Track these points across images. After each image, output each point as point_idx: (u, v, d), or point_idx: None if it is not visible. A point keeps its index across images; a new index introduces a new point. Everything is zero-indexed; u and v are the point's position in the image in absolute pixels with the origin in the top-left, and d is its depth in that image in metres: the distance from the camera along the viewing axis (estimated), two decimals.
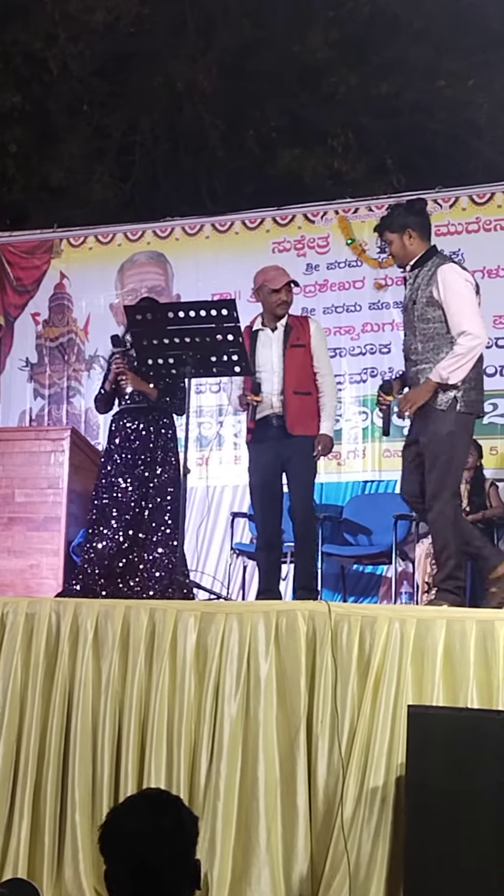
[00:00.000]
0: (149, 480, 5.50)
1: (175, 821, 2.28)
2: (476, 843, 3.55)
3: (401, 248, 4.75)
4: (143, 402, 5.60)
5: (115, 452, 5.57)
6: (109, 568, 5.39)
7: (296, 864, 4.02)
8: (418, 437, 4.74)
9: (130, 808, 2.34)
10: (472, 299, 4.69)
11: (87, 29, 10.54)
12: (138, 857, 2.21)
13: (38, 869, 4.33)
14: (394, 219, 4.80)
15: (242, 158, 11.26)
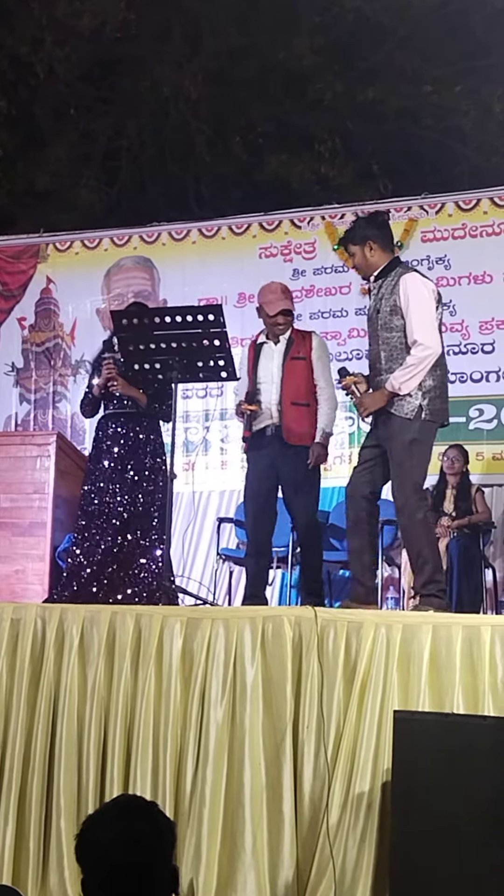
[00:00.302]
0: (137, 486, 5.50)
1: (151, 827, 2.27)
2: (462, 849, 3.55)
3: (363, 259, 4.84)
4: (131, 406, 5.59)
5: (102, 457, 5.56)
6: (97, 574, 5.38)
7: (281, 869, 4.01)
8: (380, 442, 4.80)
9: (105, 816, 2.33)
10: (431, 309, 4.78)
11: (73, 33, 10.55)
12: (114, 865, 2.21)
13: (22, 875, 4.31)
14: (356, 231, 4.90)
15: (229, 164, 11.28)
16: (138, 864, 2.20)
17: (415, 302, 4.68)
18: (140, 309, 5.84)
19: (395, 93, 10.68)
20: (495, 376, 7.41)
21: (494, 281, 7.47)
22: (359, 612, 4.47)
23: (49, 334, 8.62)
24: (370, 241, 4.81)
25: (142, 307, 5.98)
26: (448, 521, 6.72)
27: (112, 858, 2.21)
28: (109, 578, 5.38)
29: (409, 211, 7.74)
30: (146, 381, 5.47)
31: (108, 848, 2.22)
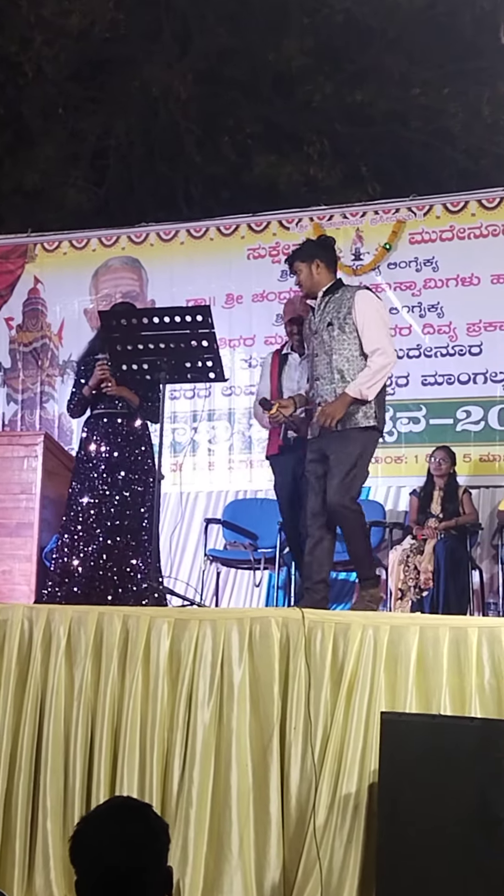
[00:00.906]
0: (127, 487, 5.49)
1: (144, 828, 2.27)
2: (448, 850, 3.56)
3: (308, 276, 5.09)
4: (122, 407, 5.58)
5: (91, 457, 5.55)
6: (86, 575, 5.37)
7: (268, 871, 4.02)
8: (326, 453, 4.94)
9: (99, 817, 2.33)
10: (387, 322, 5.16)
11: (62, 33, 10.53)
12: (108, 867, 2.21)
13: (8, 877, 4.30)
14: (304, 250, 5.16)
15: (218, 164, 11.28)
16: (132, 866, 2.20)
17: (371, 317, 4.97)
18: (128, 309, 5.83)
19: (383, 95, 10.70)
20: (483, 378, 7.42)
21: (482, 283, 7.48)
22: (346, 614, 4.49)
23: (36, 334, 8.60)
24: (318, 260, 5.08)
25: (129, 307, 5.98)
26: (435, 523, 6.72)
27: (106, 860, 2.21)
28: (100, 580, 5.37)
29: (397, 213, 7.75)
30: (133, 382, 5.46)
31: (102, 850, 2.22)
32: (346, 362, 4.93)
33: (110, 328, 5.26)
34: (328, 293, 5.05)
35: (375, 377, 4.89)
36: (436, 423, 7.47)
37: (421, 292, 7.62)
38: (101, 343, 5.62)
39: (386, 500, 7.46)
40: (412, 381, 7.58)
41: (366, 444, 4.97)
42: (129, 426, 5.57)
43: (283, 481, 5.69)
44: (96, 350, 5.66)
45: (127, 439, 5.55)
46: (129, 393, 5.53)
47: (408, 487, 7.27)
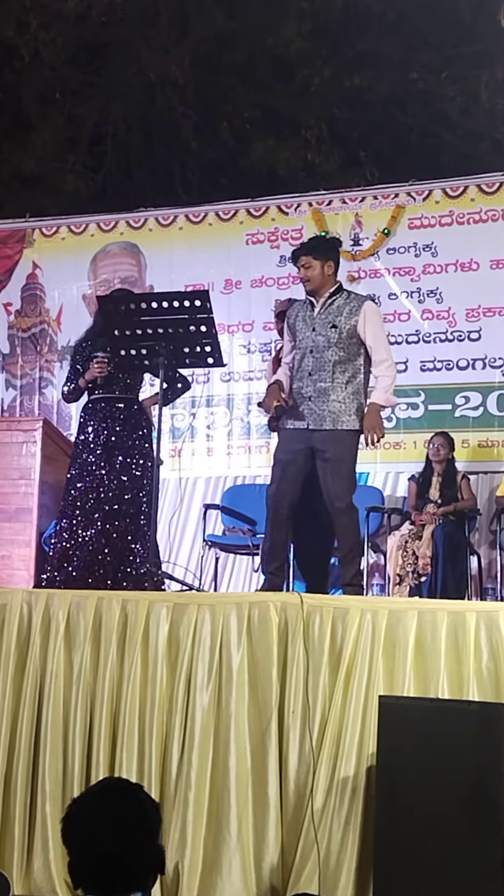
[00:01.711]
0: (125, 471, 5.49)
1: (136, 808, 2.29)
2: (445, 833, 3.58)
3: (320, 274, 5.21)
4: (120, 391, 5.58)
5: (89, 441, 5.54)
6: (85, 560, 5.38)
7: (266, 853, 4.04)
8: (318, 447, 5.09)
9: (91, 798, 2.35)
10: (386, 339, 5.46)
11: (59, 17, 10.47)
12: (101, 847, 2.23)
13: (7, 860, 4.33)
14: (319, 248, 5.31)
15: (216, 149, 11.24)
16: (125, 847, 2.22)
17: (379, 329, 5.27)
18: (126, 294, 5.82)
19: (382, 79, 10.65)
20: (481, 364, 7.42)
21: (481, 268, 7.47)
22: (345, 599, 4.51)
23: (35, 320, 8.59)
24: (331, 261, 5.25)
25: (127, 293, 5.96)
26: (433, 508, 6.73)
27: (99, 842, 2.23)
28: (98, 564, 5.37)
29: (396, 198, 7.73)
30: (132, 367, 5.46)
31: (95, 832, 2.25)
32: (341, 364, 5.12)
33: (108, 313, 5.25)
34: (334, 295, 5.21)
35: (392, 385, 5.21)
36: (434, 408, 7.47)
37: (420, 278, 7.61)
38: (99, 334, 5.61)
39: (384, 486, 7.47)
40: (411, 366, 7.57)
41: (354, 447, 5.17)
42: (128, 410, 5.58)
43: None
44: (93, 339, 5.64)
45: (125, 423, 5.55)
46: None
47: (406, 473, 7.28)
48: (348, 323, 5.13)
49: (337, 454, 5.08)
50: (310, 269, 5.21)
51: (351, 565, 5.13)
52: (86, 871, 2.24)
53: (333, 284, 5.25)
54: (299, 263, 5.27)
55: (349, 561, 5.14)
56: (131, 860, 2.22)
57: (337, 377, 5.11)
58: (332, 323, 5.13)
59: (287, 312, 5.44)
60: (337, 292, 5.24)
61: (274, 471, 5.27)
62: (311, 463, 5.12)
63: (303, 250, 5.29)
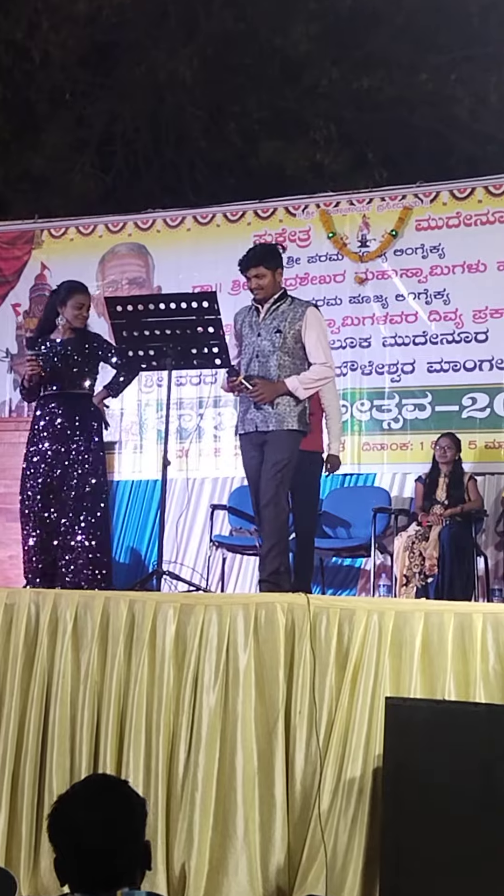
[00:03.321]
0: (72, 466, 5.52)
1: (121, 805, 2.30)
2: (452, 835, 3.58)
3: (271, 283, 5.31)
4: (71, 387, 5.64)
5: (37, 437, 5.59)
6: (44, 558, 5.43)
7: (273, 854, 4.04)
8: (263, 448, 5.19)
9: (76, 796, 2.36)
10: (328, 339, 5.60)
11: (69, 18, 10.49)
12: (86, 845, 2.24)
13: (14, 860, 4.34)
14: (269, 257, 5.36)
15: (224, 150, 11.24)
16: (111, 844, 2.24)
17: (320, 333, 5.32)
18: (134, 296, 5.86)
19: (390, 81, 10.65)
20: (488, 365, 7.42)
21: (488, 270, 7.47)
22: (351, 599, 4.51)
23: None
24: (279, 269, 5.38)
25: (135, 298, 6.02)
26: (440, 510, 6.74)
27: (85, 840, 2.24)
28: (53, 561, 5.42)
29: (404, 199, 7.73)
30: (139, 368, 5.50)
31: (81, 830, 2.25)
32: (287, 368, 5.21)
33: (117, 314, 5.27)
34: (279, 300, 5.31)
35: (313, 383, 5.27)
36: (441, 409, 7.47)
37: (427, 279, 7.61)
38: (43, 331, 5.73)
39: (391, 487, 7.48)
40: (418, 367, 7.57)
41: (295, 447, 5.25)
42: (76, 405, 5.63)
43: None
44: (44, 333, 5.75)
45: (72, 418, 5.58)
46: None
47: (413, 474, 7.29)
48: (292, 328, 5.23)
49: (275, 454, 5.17)
50: (263, 279, 5.29)
51: (272, 562, 5.15)
52: (72, 869, 2.25)
53: (280, 290, 5.36)
54: (250, 274, 5.32)
55: (272, 558, 5.15)
56: (117, 857, 2.23)
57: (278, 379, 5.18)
58: (276, 328, 5.23)
59: (234, 318, 5.48)
60: (281, 298, 5.33)
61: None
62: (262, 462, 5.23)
63: (253, 261, 5.34)
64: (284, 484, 5.20)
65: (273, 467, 5.16)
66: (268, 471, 5.18)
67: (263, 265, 5.30)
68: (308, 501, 6.01)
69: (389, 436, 7.59)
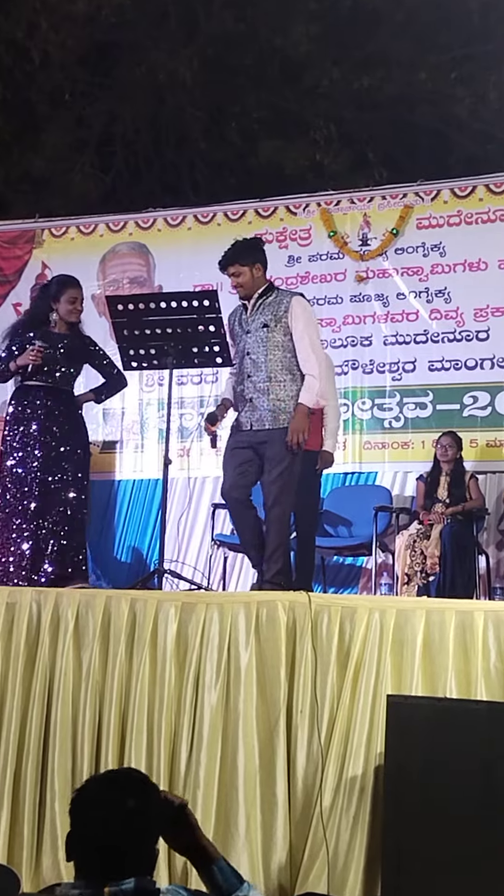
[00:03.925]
0: (56, 464, 5.53)
1: (140, 804, 2.30)
2: (453, 833, 3.59)
3: (250, 279, 5.24)
4: (53, 381, 5.64)
5: (18, 433, 5.58)
6: (21, 556, 5.42)
7: (275, 852, 4.04)
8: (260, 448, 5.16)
9: (106, 780, 2.39)
10: (317, 327, 5.47)
11: (68, 18, 10.49)
12: (98, 831, 2.25)
13: (16, 858, 4.34)
14: (243, 253, 5.29)
15: (224, 150, 11.25)
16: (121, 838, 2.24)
17: (306, 324, 5.20)
18: (135, 294, 5.87)
19: (390, 80, 10.65)
20: (490, 363, 7.42)
21: (489, 268, 7.46)
22: (352, 598, 4.51)
23: None
24: (258, 264, 5.27)
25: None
26: (442, 508, 6.73)
27: (98, 827, 2.26)
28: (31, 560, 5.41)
29: (405, 198, 7.73)
30: (141, 367, 5.50)
31: (97, 816, 2.27)
32: (279, 363, 5.15)
33: (118, 313, 5.28)
34: (263, 295, 5.24)
35: (321, 384, 5.26)
36: (442, 408, 7.47)
37: (428, 277, 7.61)
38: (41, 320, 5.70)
39: (393, 486, 7.47)
40: (419, 366, 7.57)
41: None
42: (62, 402, 5.64)
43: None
44: (35, 325, 5.72)
45: (59, 415, 5.60)
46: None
47: (414, 472, 7.28)
48: (279, 321, 5.16)
49: (274, 454, 5.12)
50: (240, 276, 5.26)
51: (276, 563, 5.13)
52: (78, 847, 2.28)
53: (263, 285, 5.28)
54: (228, 273, 5.30)
55: (275, 560, 5.14)
56: (124, 852, 2.24)
57: (275, 376, 5.15)
58: (263, 323, 5.18)
59: (227, 319, 5.45)
60: (266, 292, 5.26)
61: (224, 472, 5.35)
62: (258, 462, 5.19)
63: (229, 259, 5.30)
64: (289, 485, 5.16)
65: (277, 468, 5.11)
66: (271, 472, 5.13)
67: (238, 262, 5.26)
68: (308, 500, 6.01)
69: (391, 434, 7.59)
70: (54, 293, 5.74)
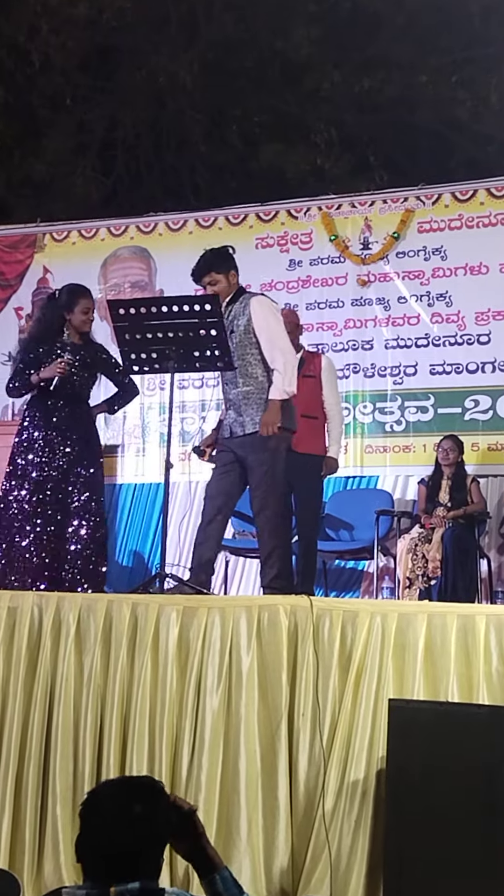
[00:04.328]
0: (71, 470, 5.51)
1: (147, 811, 2.32)
2: (455, 836, 3.58)
3: (226, 286, 5.28)
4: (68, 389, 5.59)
5: (34, 440, 5.54)
6: (31, 562, 5.39)
7: (276, 856, 4.04)
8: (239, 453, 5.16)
9: (116, 785, 2.44)
10: (281, 323, 5.32)
11: (69, 22, 10.51)
12: (107, 834, 2.28)
13: (18, 862, 4.33)
14: (218, 262, 5.32)
15: (225, 154, 11.27)
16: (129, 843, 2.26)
17: (266, 321, 5.17)
18: (136, 298, 5.86)
19: (391, 83, 10.67)
20: (491, 367, 7.42)
21: (491, 272, 7.48)
22: (354, 602, 4.51)
23: None
24: (232, 271, 5.32)
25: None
26: (443, 512, 6.73)
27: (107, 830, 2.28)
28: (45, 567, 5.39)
29: (406, 202, 7.74)
30: (142, 371, 5.50)
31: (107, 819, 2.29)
32: (251, 367, 5.17)
33: (119, 317, 5.28)
34: (231, 301, 5.26)
35: (287, 375, 5.11)
36: (444, 412, 7.47)
37: (429, 281, 7.62)
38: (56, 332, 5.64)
39: (394, 489, 7.48)
40: (420, 370, 7.58)
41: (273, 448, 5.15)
42: (78, 414, 5.61)
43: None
44: (48, 337, 5.66)
45: (75, 427, 5.57)
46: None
47: (416, 476, 7.29)
48: (242, 324, 5.18)
49: (255, 459, 5.13)
50: (217, 285, 5.28)
51: (271, 569, 5.14)
52: (87, 850, 2.30)
53: (233, 291, 5.30)
54: (204, 282, 5.33)
55: (270, 565, 5.14)
56: (130, 856, 2.26)
57: (249, 380, 5.17)
58: (231, 329, 5.19)
59: None
60: (233, 298, 5.27)
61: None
62: (240, 469, 5.21)
63: (203, 269, 5.33)
64: (273, 488, 5.15)
65: (261, 471, 5.12)
66: (256, 476, 5.14)
67: (214, 271, 5.29)
68: (311, 504, 6.02)
69: (392, 438, 7.59)
70: (66, 303, 5.69)
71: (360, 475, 7.64)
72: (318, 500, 6.23)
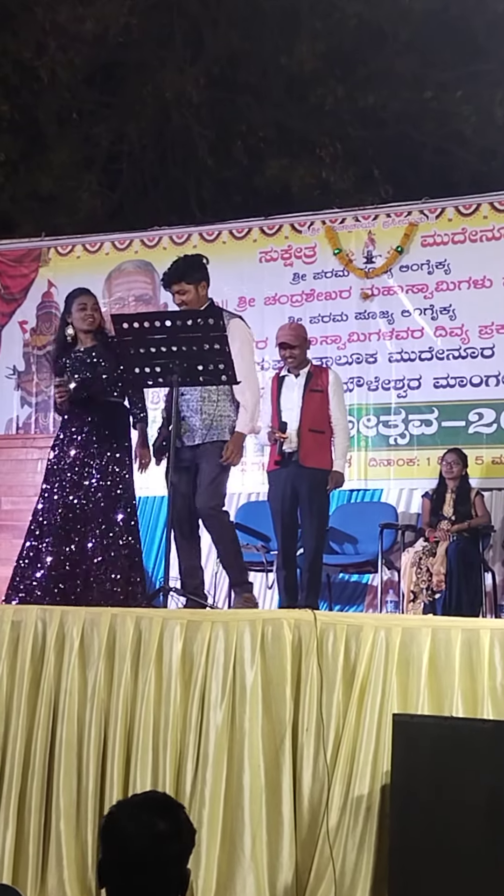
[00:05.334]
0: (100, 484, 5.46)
1: (172, 827, 2.32)
2: (460, 852, 3.57)
3: (195, 297, 5.32)
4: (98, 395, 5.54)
5: (66, 447, 5.50)
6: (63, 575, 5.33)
7: (281, 872, 4.02)
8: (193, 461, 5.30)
9: (133, 805, 2.41)
10: (253, 351, 5.52)
11: (76, 38, 10.57)
12: (130, 855, 2.28)
13: (22, 877, 4.32)
14: (189, 272, 5.35)
15: (230, 168, 11.30)
16: (153, 861, 2.27)
17: (241, 348, 5.22)
18: (140, 312, 5.87)
19: (395, 98, 10.70)
20: (495, 380, 7.43)
21: (494, 285, 7.49)
22: (358, 616, 4.51)
23: (50, 338, 8.61)
24: (203, 282, 5.36)
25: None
26: (447, 525, 6.73)
27: (130, 850, 2.29)
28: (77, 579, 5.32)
29: (410, 216, 7.76)
30: (146, 385, 5.49)
31: (129, 839, 2.30)
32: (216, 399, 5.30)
33: (123, 331, 5.29)
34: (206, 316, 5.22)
35: (251, 411, 5.32)
36: (448, 425, 7.48)
37: (433, 295, 7.63)
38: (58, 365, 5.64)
39: (398, 503, 7.47)
40: (424, 383, 7.58)
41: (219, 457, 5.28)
42: (110, 412, 5.56)
43: (277, 493, 6.05)
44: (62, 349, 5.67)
45: (105, 426, 5.51)
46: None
47: (420, 490, 7.28)
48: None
49: (205, 466, 5.26)
50: (186, 294, 5.31)
51: (233, 569, 5.26)
52: (113, 873, 2.30)
53: (205, 303, 5.35)
54: (173, 290, 5.34)
55: (230, 565, 5.29)
56: (155, 876, 2.25)
57: (208, 396, 5.28)
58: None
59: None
60: (206, 313, 5.24)
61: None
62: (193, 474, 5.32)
63: (174, 276, 5.33)
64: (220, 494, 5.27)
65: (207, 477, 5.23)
66: (202, 482, 5.25)
67: (184, 280, 5.31)
68: (317, 519, 6.03)
69: (396, 451, 7.59)
70: (65, 310, 5.73)
71: (365, 488, 7.64)
72: (324, 515, 6.24)
